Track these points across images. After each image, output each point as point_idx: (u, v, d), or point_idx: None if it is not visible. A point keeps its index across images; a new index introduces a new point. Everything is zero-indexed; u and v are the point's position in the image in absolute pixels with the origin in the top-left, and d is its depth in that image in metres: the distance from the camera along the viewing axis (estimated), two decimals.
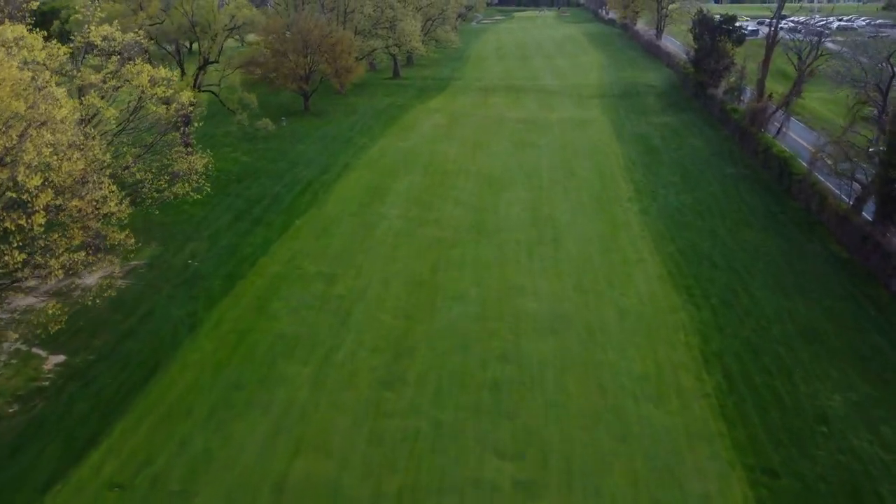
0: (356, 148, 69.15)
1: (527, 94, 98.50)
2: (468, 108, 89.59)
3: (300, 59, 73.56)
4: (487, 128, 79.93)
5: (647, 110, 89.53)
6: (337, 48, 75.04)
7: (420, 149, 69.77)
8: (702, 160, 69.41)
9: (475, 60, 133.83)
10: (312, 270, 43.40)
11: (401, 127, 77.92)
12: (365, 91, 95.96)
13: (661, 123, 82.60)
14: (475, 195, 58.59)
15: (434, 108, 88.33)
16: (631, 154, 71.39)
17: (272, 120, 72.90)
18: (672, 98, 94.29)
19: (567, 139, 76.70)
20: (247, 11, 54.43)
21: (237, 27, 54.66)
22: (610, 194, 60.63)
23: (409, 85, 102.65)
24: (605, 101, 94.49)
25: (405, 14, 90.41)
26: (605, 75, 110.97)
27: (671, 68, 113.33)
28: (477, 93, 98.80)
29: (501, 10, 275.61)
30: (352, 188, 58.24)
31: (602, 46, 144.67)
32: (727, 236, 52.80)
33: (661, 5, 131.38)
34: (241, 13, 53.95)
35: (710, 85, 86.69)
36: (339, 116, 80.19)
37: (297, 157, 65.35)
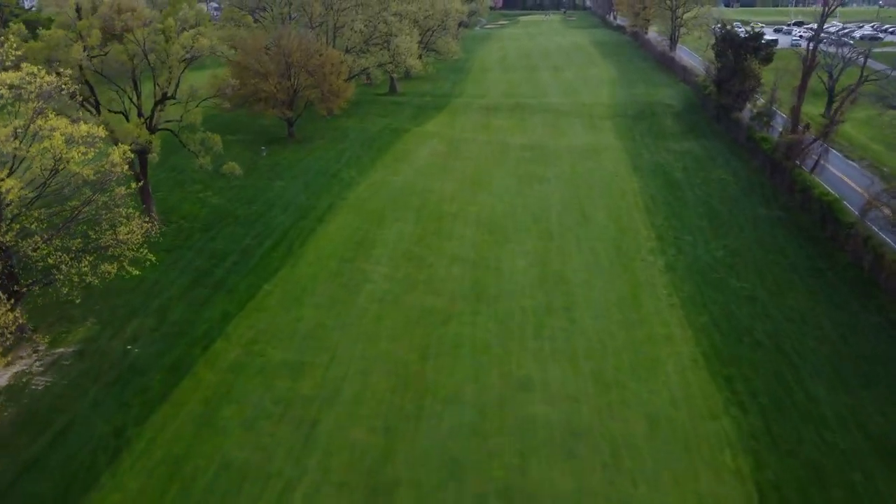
0: (342, 184, 61.61)
1: (533, 114, 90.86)
2: (468, 132, 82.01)
3: (282, 83, 66.10)
4: (489, 157, 72.34)
5: (664, 134, 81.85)
6: (323, 69, 67.52)
7: (414, 185, 62.23)
8: (730, 198, 61.74)
9: (477, 72, 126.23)
10: (277, 358, 35.90)
11: (394, 157, 70.36)
12: (357, 110, 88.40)
13: (681, 151, 74.94)
14: (474, 247, 51.03)
15: (431, 132, 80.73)
16: (650, 190, 63.77)
17: (251, 149, 65.78)
18: (691, 120, 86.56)
19: (578, 171, 69.08)
20: (205, 41, 46.79)
21: (196, 57, 47.11)
22: (629, 243, 53.03)
23: (406, 102, 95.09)
24: (619, 122, 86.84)
25: (401, 29, 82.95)
26: (617, 91, 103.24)
27: (687, 83, 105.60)
28: (478, 113, 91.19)
29: (506, 14, 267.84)
30: (333, 238, 50.72)
31: (612, 57, 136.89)
32: (768, 301, 45.22)
33: (674, 14, 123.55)
34: (200, 43, 46.38)
35: (735, 108, 78.98)
36: (327, 144, 72.66)
37: (275, 197, 57.81)
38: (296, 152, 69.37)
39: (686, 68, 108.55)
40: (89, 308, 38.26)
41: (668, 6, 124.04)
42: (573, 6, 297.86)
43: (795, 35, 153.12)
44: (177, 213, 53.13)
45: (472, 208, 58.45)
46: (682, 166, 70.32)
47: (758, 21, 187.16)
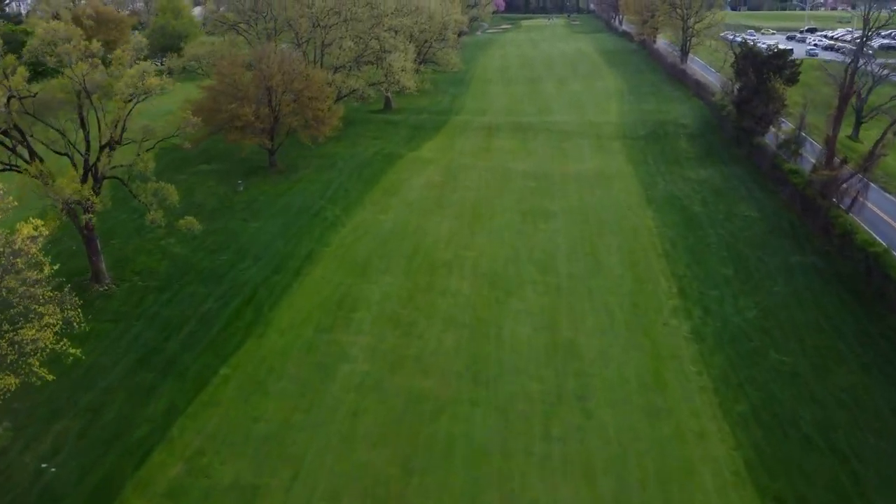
0: (325, 226, 54.57)
1: (537, 134, 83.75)
2: (467, 156, 74.93)
3: (262, 109, 59.12)
4: (490, 187, 65.27)
5: (679, 158, 74.72)
6: (307, 93, 60.54)
7: (405, 226, 55.20)
8: (758, 240, 54.63)
9: (478, 84, 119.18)
10: (226, 478, 28.92)
11: (384, 189, 63.29)
12: (349, 131, 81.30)
13: (699, 180, 67.79)
14: (471, 307, 43.97)
15: (427, 157, 73.68)
16: (668, 229, 56.69)
17: (227, 181, 58.99)
18: (708, 142, 79.35)
19: (587, 204, 62.00)
20: (154, 80, 39.70)
21: (146, 95, 40.05)
22: (648, 299, 45.97)
23: (401, 122, 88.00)
24: (629, 144, 79.69)
25: (395, 45, 75.89)
26: (626, 108, 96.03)
27: (701, 99, 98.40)
28: (478, 133, 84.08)
29: (508, 17, 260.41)
30: (310, 297, 43.72)
31: (619, 67, 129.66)
32: (813, 378, 38.19)
33: (686, 24, 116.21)
34: (150, 81, 39.30)
35: (757, 132, 71.84)
36: (312, 174, 65.60)
37: (249, 242, 50.81)
38: (277, 185, 62.31)
39: (699, 83, 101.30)
40: (5, 407, 31.35)
41: (678, 15, 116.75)
42: (576, 9, 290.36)
43: (810, 43, 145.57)
44: (131, 266, 46.19)
45: (470, 254, 51.40)
46: (700, 198, 63.20)
47: (769, 27, 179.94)
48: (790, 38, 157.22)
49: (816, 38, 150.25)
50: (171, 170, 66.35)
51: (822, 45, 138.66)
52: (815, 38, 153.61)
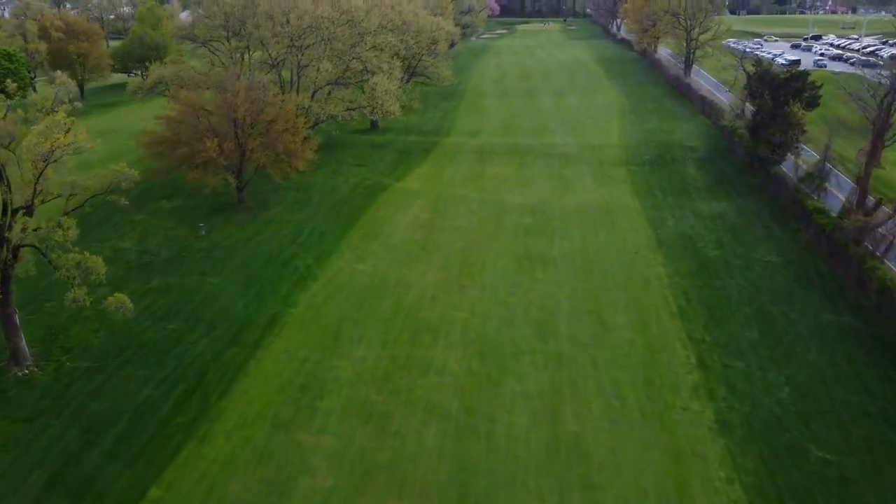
0: (294, 279, 47.87)
1: (534, 159, 77.08)
2: (458, 186, 68.24)
3: (226, 144, 52.37)
4: (482, 226, 58.59)
5: (688, 188, 68.09)
6: (276, 126, 53.86)
7: (385, 278, 48.50)
8: (782, 292, 48.06)
9: (472, 98, 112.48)
10: None
11: (364, 230, 56.60)
12: (330, 157, 74.60)
13: (712, 215, 61.18)
14: (459, 389, 37.32)
15: (414, 188, 66.98)
16: (681, 278, 50.11)
17: (188, 223, 52.23)
18: (718, 169, 72.70)
19: (590, 247, 55.39)
20: (65, 138, 32.87)
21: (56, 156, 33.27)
22: (663, 374, 39.36)
23: (388, 144, 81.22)
24: (634, 171, 73.04)
25: (379, 65, 69.08)
26: (629, 127, 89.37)
27: (707, 117, 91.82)
28: (471, 158, 77.38)
29: (503, 22, 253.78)
30: (268, 381, 37.02)
31: (619, 78, 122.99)
32: (864, 483, 31.73)
33: (689, 36, 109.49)
34: (59, 139, 32.40)
35: (774, 160, 65.28)
36: (284, 213, 58.86)
37: (203, 305, 44.05)
38: (244, 227, 55.50)
39: (705, 99, 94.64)
40: None
41: (681, 26, 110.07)
42: (573, 13, 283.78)
43: (816, 52, 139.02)
44: (62, 340, 39.46)
45: (459, 314, 44.73)
46: (715, 239, 56.61)
47: (771, 34, 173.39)
48: (795, 46, 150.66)
49: (823, 47, 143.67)
50: (112, 221, 59.65)
51: (829, 55, 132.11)
52: (821, 46, 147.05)
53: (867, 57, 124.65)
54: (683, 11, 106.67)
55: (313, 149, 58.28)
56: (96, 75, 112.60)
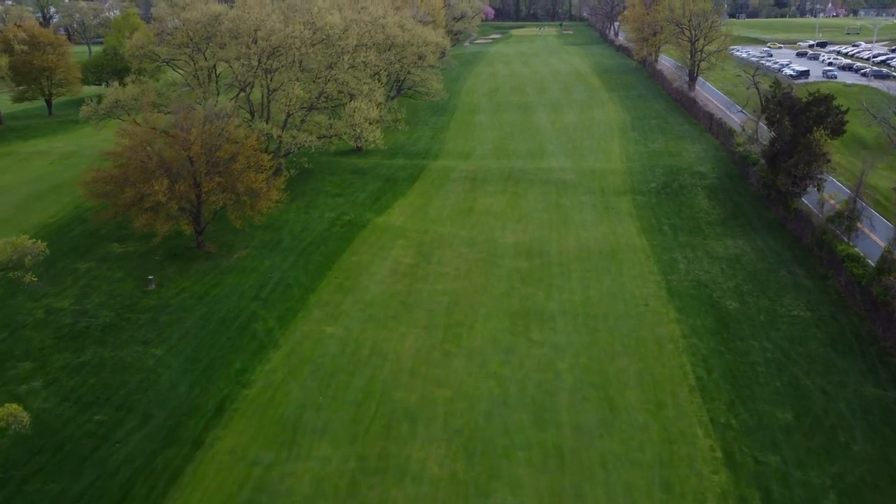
0: (253, 348, 41.16)
1: (529, 187, 70.46)
2: (446, 222, 61.55)
3: (178, 186, 45.55)
4: (471, 274, 51.91)
5: (700, 224, 61.54)
6: (236, 164, 47.16)
7: (358, 347, 41.81)
8: (816, 359, 41.57)
9: (463, 112, 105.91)
10: None
11: (338, 280, 49.87)
12: (306, 186, 67.89)
13: (728, 257, 54.66)
14: (440, 502, 30.75)
15: (396, 225, 60.30)
16: (698, 339, 43.58)
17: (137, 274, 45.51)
18: (732, 200, 66.13)
19: (593, 299, 48.78)
20: None
21: None
22: (684, 475, 32.81)
23: (370, 170, 74.46)
24: (639, 203, 66.46)
25: (359, 87, 62.26)
26: (632, 148, 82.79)
27: (714, 136, 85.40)
28: (461, 185, 70.72)
29: (497, 26, 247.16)
30: (207, 496, 30.29)
31: (619, 91, 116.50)
32: None
33: (694, 47, 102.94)
34: None
35: (794, 193, 58.78)
36: (248, 259, 52.10)
37: (141, 385, 37.27)
38: (201, 279, 48.73)
39: (713, 116, 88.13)
40: None
41: (685, 36, 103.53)
42: (569, 17, 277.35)
43: (824, 61, 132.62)
44: None
45: (442, 394, 38.08)
46: (733, 287, 50.07)
47: (775, 41, 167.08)
48: (801, 54, 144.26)
49: (831, 55, 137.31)
50: (75, 252, 52.98)
51: (838, 65, 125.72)
52: (828, 54, 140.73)
53: (879, 67, 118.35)
54: (688, 21, 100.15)
55: (280, 187, 51.43)
56: (64, 89, 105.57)
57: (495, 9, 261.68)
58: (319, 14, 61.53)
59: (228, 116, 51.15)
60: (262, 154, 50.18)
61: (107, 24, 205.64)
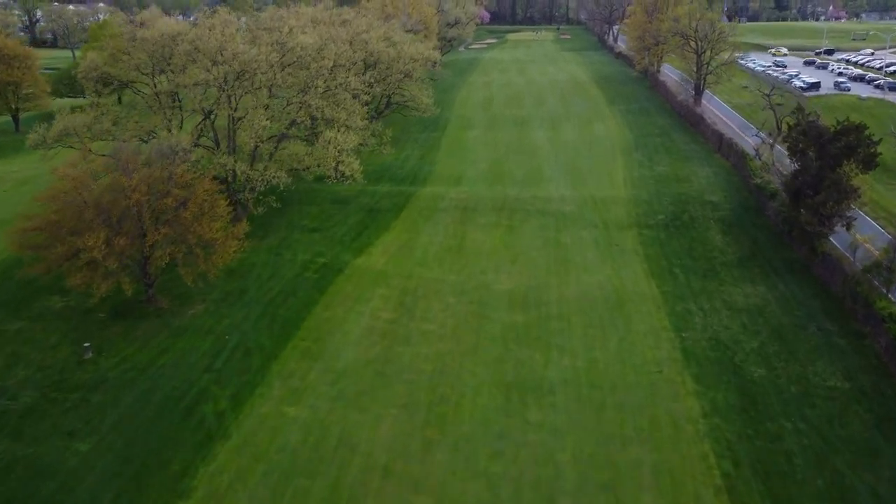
0: (198, 439, 34.57)
1: (525, 219, 64.03)
2: (432, 264, 55.07)
3: (118, 240, 38.89)
4: (459, 332, 45.39)
5: (714, 264, 55.17)
6: (186, 212, 40.67)
7: (323, 435, 35.32)
8: (861, 447, 35.28)
9: (455, 128, 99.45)
10: None
11: (306, 342, 43.31)
12: (280, 221, 61.37)
13: (748, 308, 48.27)
14: None
15: (377, 269, 53.83)
16: (721, 420, 37.19)
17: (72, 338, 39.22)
18: (749, 235, 59.75)
19: (599, 363, 42.36)
20: None
21: None
22: None
23: (352, 199, 67.90)
24: (646, 237, 60.08)
25: (335, 113, 55.51)
26: (636, 172, 76.30)
27: (725, 157, 79.03)
28: (450, 218, 64.22)
29: (493, 30, 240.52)
30: None
31: (620, 104, 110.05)
32: None
33: (700, 59, 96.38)
34: None
35: (821, 233, 52.45)
36: (205, 317, 45.44)
37: (56, 498, 30.75)
38: (145, 344, 42.12)
39: (723, 136, 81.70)
40: None
41: (691, 48, 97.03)
42: (566, 20, 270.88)
43: (834, 70, 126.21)
44: None
45: (421, 501, 31.64)
46: (758, 348, 43.70)
47: (779, 48, 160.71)
48: (808, 63, 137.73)
49: (840, 64, 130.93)
50: (7, 307, 46.44)
51: (849, 75, 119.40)
52: (837, 63, 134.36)
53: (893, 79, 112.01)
54: (694, 33, 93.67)
55: (239, 236, 44.76)
56: (32, 104, 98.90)
57: (491, 12, 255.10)
58: (291, 34, 54.94)
59: (181, 153, 44.63)
60: (218, 198, 43.61)
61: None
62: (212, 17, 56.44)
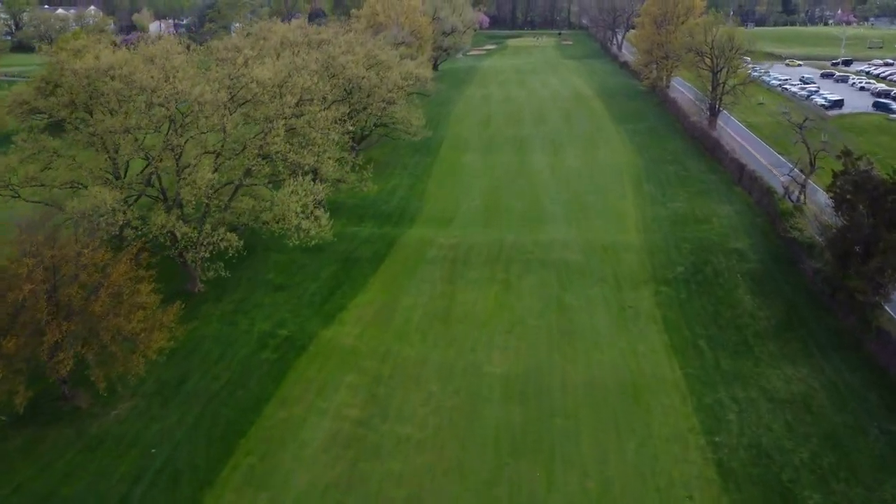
0: None
1: (524, 272, 55.42)
2: (414, 336, 46.48)
3: (8, 344, 30.33)
4: (441, 440, 36.72)
5: (746, 335, 46.49)
6: (99, 302, 32.19)
7: None
8: None
9: (449, 151, 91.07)
10: None
11: (249, 462, 34.61)
12: (241, 273, 53.03)
13: (792, 399, 39.75)
14: None
15: (348, 343, 45.24)
16: None
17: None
18: (783, 295, 51.08)
19: (614, 484, 33.82)
20: None
21: None
22: None
23: (328, 246, 59.09)
24: (664, 297, 51.45)
25: (301, 155, 46.57)
26: (649, 210, 67.61)
27: (746, 191, 70.42)
28: (438, 272, 55.60)
29: (493, 35, 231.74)
30: None
31: (627, 123, 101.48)
32: None
33: (716, 78, 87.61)
34: None
35: (874, 302, 43.92)
36: (130, 422, 36.68)
37: None
38: (47, 466, 33.42)
39: (744, 167, 73.01)
40: None
41: (706, 66, 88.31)
42: (567, 24, 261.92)
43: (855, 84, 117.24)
44: None
45: None
46: (809, 461, 35.26)
47: (793, 57, 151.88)
48: (826, 75, 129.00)
49: (861, 77, 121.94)
50: None
51: (872, 90, 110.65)
52: (857, 75, 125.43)
53: None
54: (710, 50, 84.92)
55: (169, 323, 36.17)
56: None
57: (490, 16, 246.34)
58: (246, 67, 46.26)
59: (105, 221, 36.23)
60: (140, 285, 35.10)
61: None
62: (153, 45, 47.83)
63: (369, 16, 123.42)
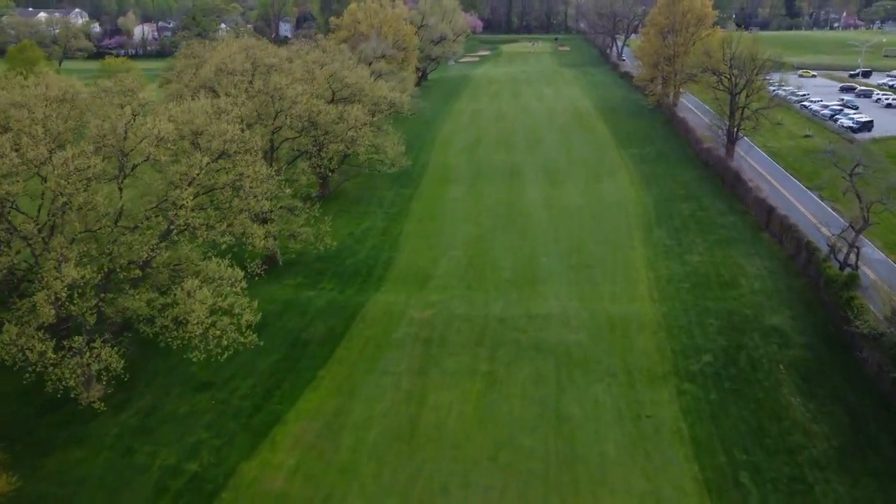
0: None
1: (514, 364, 43.65)
2: (365, 468, 34.77)
3: None
4: None
5: (801, 463, 35.10)
6: None
7: None
8: None
9: (432, 182, 79.79)
10: None
11: None
12: (156, 366, 41.63)
13: None
14: None
15: (275, 487, 33.67)
16: None
17: None
18: (842, 400, 39.59)
19: None
20: None
21: None
22: None
23: (273, 321, 47.87)
24: (690, 402, 39.84)
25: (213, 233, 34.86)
26: (663, 266, 56.06)
27: (776, 238, 59.09)
28: (406, 362, 43.85)
29: (487, 40, 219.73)
30: None
31: (632, 146, 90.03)
32: None
33: (734, 101, 75.82)
34: None
35: None
36: None
37: None
38: None
39: (773, 210, 61.43)
40: None
41: (724, 87, 76.66)
42: (564, 28, 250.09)
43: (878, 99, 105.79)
44: None
45: None
46: None
47: (807, 68, 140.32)
48: (846, 88, 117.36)
49: (887, 93, 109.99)
50: None
51: None
52: (881, 90, 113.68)
53: None
54: (729, 70, 73.33)
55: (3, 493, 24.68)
56: None
57: (484, 20, 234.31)
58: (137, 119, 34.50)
59: None
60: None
61: (44, 42, 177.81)
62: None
63: (350, 25, 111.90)
